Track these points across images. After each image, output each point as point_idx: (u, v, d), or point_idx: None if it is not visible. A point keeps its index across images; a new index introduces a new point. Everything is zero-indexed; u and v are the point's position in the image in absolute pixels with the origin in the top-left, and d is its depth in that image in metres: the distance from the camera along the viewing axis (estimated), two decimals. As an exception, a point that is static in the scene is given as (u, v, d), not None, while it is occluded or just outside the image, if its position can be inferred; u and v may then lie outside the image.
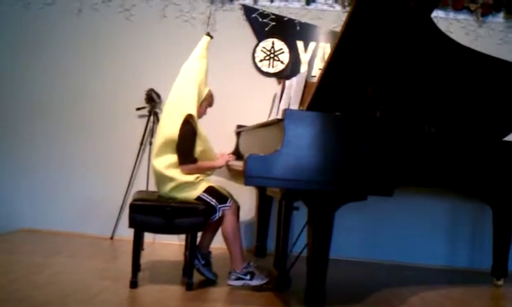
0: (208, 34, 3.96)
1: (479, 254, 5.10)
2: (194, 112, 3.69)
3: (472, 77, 3.90)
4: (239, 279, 3.73)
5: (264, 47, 5.37)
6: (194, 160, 3.71)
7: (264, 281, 3.74)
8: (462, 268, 5.16)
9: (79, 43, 5.41)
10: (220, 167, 3.86)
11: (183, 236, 4.22)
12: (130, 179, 5.30)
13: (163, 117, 3.81)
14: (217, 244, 3.97)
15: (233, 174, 3.80)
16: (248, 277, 3.73)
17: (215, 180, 4.03)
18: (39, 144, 5.39)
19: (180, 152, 3.66)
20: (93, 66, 5.41)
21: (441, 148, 3.58)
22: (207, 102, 3.91)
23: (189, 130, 3.66)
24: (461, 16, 5.31)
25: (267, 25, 5.35)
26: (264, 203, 4.95)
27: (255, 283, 3.72)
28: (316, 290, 3.13)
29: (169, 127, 3.68)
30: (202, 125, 3.78)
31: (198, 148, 3.73)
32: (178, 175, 3.67)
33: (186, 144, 3.66)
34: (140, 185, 5.21)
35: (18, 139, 5.40)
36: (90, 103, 5.40)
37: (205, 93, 3.87)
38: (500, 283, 4.46)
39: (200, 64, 3.85)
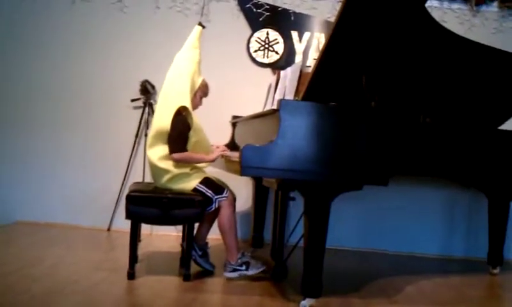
0: (200, 24, 3.94)
1: (475, 243, 5.12)
2: (188, 104, 3.67)
3: (466, 67, 3.90)
4: (234, 270, 3.74)
5: (258, 38, 5.36)
6: (184, 150, 3.67)
7: (260, 269, 3.75)
8: (458, 257, 5.18)
9: (73, 35, 5.38)
10: (211, 161, 3.84)
11: (180, 228, 4.21)
12: (127, 170, 5.29)
13: (157, 108, 3.80)
14: (214, 235, 3.97)
15: (229, 165, 3.79)
16: (244, 267, 3.73)
17: (211, 171, 4.03)
18: (35, 136, 5.38)
19: (170, 141, 3.64)
20: (87, 58, 5.38)
21: (436, 137, 3.58)
22: (201, 91, 3.88)
23: (180, 121, 3.64)
24: (455, 5, 5.31)
25: (261, 16, 5.34)
26: (260, 194, 4.95)
27: (251, 272, 3.73)
28: (313, 279, 3.14)
29: (161, 119, 3.67)
30: (198, 116, 3.77)
31: (192, 139, 3.71)
32: (172, 167, 3.67)
33: (176, 133, 3.63)
34: (136, 176, 5.22)
35: (14, 131, 5.39)
36: (85, 95, 5.38)
37: (198, 82, 3.84)
38: (496, 271, 4.49)
39: (193, 54, 3.83)
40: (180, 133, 3.65)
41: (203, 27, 3.95)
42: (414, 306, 3.48)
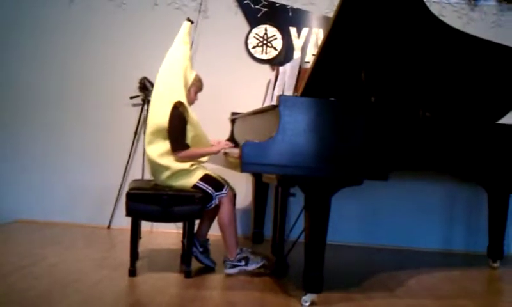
0: (188, 19, 3.95)
1: (475, 237, 5.14)
2: (183, 99, 3.68)
3: (465, 61, 3.90)
4: (234, 266, 3.75)
5: (256, 34, 5.35)
6: (186, 146, 3.70)
7: (260, 264, 3.77)
8: (458, 251, 5.20)
9: (72, 32, 5.37)
10: (216, 152, 3.85)
11: (180, 225, 4.22)
12: (126, 168, 5.29)
13: (152, 105, 3.79)
14: (215, 231, 3.97)
15: (230, 161, 3.80)
16: (243, 262, 3.74)
17: (211, 168, 4.03)
18: (34, 135, 5.37)
19: (171, 139, 3.65)
20: (85, 55, 5.37)
21: (436, 131, 3.58)
22: (195, 86, 3.88)
23: (176, 115, 3.65)
24: (454, -1, 5.32)
25: (259, 12, 5.33)
26: (260, 190, 4.96)
27: (250, 267, 3.75)
28: (314, 274, 3.14)
29: (158, 115, 3.67)
30: (197, 113, 3.77)
31: (190, 134, 3.72)
32: (172, 163, 3.67)
33: (176, 129, 3.64)
34: (136, 173, 5.22)
35: (14, 130, 5.38)
36: (84, 93, 5.37)
37: (191, 78, 3.85)
38: (496, 264, 4.51)
39: (183, 50, 3.84)
40: (178, 129, 3.66)
41: (192, 22, 3.96)
42: (415, 300, 3.48)
